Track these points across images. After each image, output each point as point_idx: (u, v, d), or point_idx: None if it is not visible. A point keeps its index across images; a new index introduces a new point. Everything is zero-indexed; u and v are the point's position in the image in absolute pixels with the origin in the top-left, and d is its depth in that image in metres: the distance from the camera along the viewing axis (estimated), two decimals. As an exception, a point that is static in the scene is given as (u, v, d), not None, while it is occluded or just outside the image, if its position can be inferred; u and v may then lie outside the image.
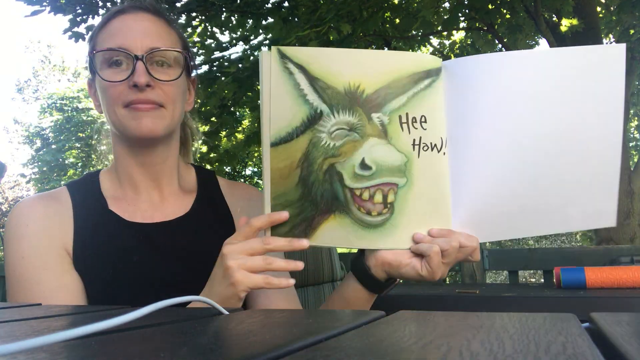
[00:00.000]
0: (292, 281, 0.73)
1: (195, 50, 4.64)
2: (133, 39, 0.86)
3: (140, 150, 0.91)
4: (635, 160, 8.38)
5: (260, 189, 0.89)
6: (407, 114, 0.74)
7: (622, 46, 0.73)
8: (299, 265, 0.73)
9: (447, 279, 3.21)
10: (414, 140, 0.74)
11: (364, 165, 0.74)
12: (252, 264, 0.71)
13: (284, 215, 0.73)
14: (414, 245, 0.76)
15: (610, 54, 0.73)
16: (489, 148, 0.75)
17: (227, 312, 0.52)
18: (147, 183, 0.94)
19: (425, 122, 0.75)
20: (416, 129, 0.74)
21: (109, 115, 0.88)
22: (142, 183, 0.93)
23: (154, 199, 0.94)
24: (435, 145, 0.75)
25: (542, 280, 1.75)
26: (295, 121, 0.73)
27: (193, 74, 1.00)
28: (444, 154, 0.76)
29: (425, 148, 0.75)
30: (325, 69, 0.74)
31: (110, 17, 0.91)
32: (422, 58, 0.77)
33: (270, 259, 0.72)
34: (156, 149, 0.91)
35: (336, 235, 0.74)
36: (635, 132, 10.50)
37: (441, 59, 0.77)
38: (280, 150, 0.73)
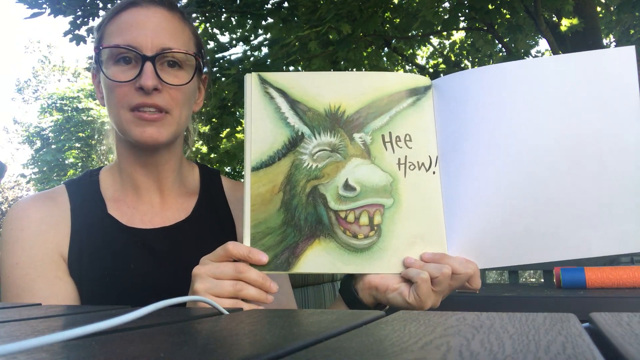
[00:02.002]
0: (261, 307, 0.69)
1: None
2: (144, 37, 0.82)
3: (143, 151, 0.89)
4: None
5: None
6: (390, 132, 0.74)
7: (631, 48, 0.69)
8: (273, 289, 0.69)
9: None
10: (399, 159, 0.74)
11: (347, 186, 0.72)
12: (220, 290, 0.66)
13: (264, 258, 0.70)
14: (403, 270, 0.72)
15: (618, 58, 0.69)
16: (485, 166, 0.71)
17: (227, 312, 0.52)
18: (149, 184, 0.92)
19: (410, 140, 0.74)
20: (401, 147, 0.74)
21: (113, 115, 0.86)
22: (144, 184, 0.92)
23: (155, 201, 0.93)
24: (422, 164, 0.74)
25: (542, 280, 1.75)
26: (277, 144, 0.73)
27: (205, 71, 0.96)
28: (434, 173, 0.74)
29: (412, 167, 0.74)
30: (305, 91, 0.74)
31: (122, 9, 0.86)
32: (404, 77, 0.76)
33: (241, 285, 0.67)
34: (159, 150, 0.89)
35: (321, 261, 0.71)
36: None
37: (429, 78, 0.77)
38: (262, 174, 0.73)
